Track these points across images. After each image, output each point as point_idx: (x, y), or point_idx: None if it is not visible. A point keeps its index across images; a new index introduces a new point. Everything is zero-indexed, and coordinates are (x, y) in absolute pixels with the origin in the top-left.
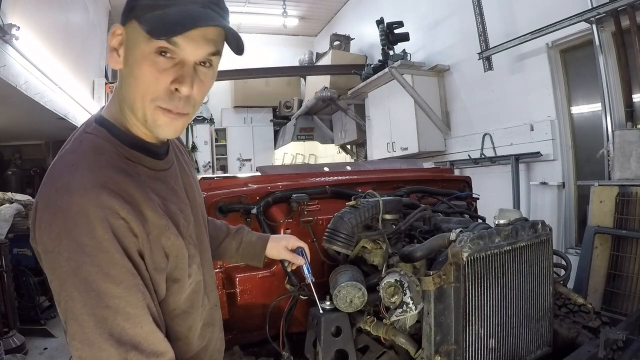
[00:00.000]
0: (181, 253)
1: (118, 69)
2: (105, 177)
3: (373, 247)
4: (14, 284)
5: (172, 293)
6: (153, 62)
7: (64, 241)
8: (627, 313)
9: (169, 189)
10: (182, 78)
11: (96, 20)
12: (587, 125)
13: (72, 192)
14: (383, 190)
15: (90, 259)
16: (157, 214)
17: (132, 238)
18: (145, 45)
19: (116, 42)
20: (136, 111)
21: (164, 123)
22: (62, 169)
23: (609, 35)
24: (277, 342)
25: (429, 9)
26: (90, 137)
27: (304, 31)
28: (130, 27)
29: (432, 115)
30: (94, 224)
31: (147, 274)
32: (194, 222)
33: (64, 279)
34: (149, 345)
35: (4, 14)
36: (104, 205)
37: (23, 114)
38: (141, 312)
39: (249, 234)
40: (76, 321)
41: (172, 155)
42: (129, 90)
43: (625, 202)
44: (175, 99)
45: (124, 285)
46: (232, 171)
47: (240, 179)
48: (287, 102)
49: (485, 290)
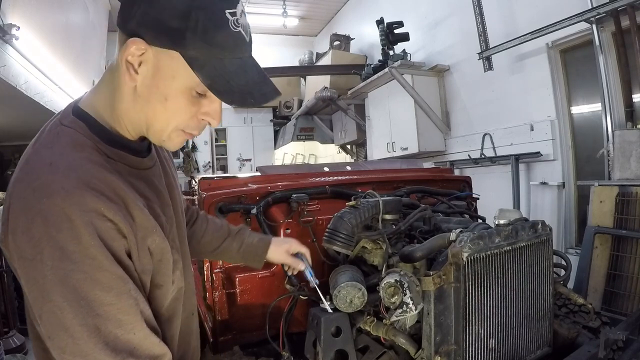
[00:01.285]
0: (165, 257)
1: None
2: (88, 175)
3: (373, 247)
4: (14, 284)
5: (154, 299)
6: (193, 102)
7: (46, 249)
8: (627, 313)
9: (152, 189)
10: (215, 114)
11: (96, 20)
12: (587, 125)
13: (52, 194)
14: (383, 190)
15: (77, 266)
16: (144, 214)
17: (121, 240)
18: (188, 82)
19: (137, 60)
20: (154, 131)
21: (178, 142)
22: (39, 166)
23: (609, 35)
24: (277, 342)
25: (429, 9)
26: (68, 131)
27: (304, 31)
28: (168, 54)
29: (432, 115)
30: (79, 229)
31: (137, 276)
32: (175, 224)
33: (49, 290)
34: (144, 350)
35: (4, 14)
36: (88, 207)
37: (23, 114)
38: (133, 318)
39: (250, 236)
40: (66, 332)
41: (154, 152)
42: (149, 112)
43: (625, 202)
44: (202, 127)
45: (114, 292)
46: (232, 171)
47: (240, 179)
48: (287, 102)
49: (486, 291)
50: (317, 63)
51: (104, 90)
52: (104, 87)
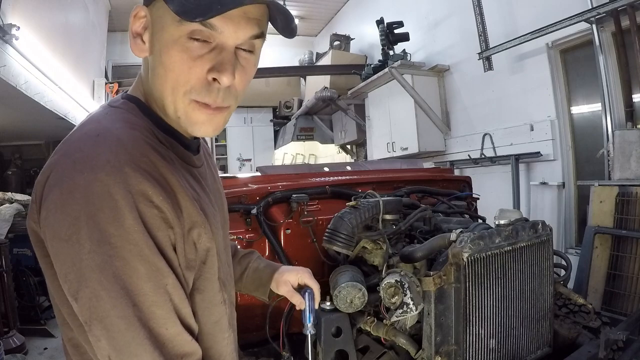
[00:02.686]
0: (210, 260)
1: (143, 57)
2: (139, 154)
3: (373, 247)
4: (14, 284)
5: (193, 304)
6: (184, 48)
7: (84, 229)
8: (627, 313)
9: (202, 188)
10: (222, 66)
11: (96, 20)
12: (587, 125)
13: (95, 168)
14: (383, 190)
15: (116, 252)
16: (194, 206)
17: (167, 230)
18: (174, 29)
19: (139, 26)
20: (167, 107)
21: (201, 120)
22: (83, 138)
23: (609, 35)
24: (277, 342)
25: (429, 9)
26: (119, 111)
27: (304, 31)
28: (155, 6)
29: (432, 115)
30: (122, 211)
31: (180, 271)
32: (222, 233)
33: (87, 275)
34: (173, 347)
35: (4, 14)
36: (135, 189)
37: (23, 114)
38: (167, 314)
39: (257, 260)
40: (101, 323)
41: (202, 154)
42: (157, 81)
43: (625, 202)
44: (214, 91)
45: (151, 284)
46: (232, 171)
47: (240, 179)
48: (287, 102)
49: (486, 291)
50: (317, 63)
51: (138, 87)
52: (138, 85)
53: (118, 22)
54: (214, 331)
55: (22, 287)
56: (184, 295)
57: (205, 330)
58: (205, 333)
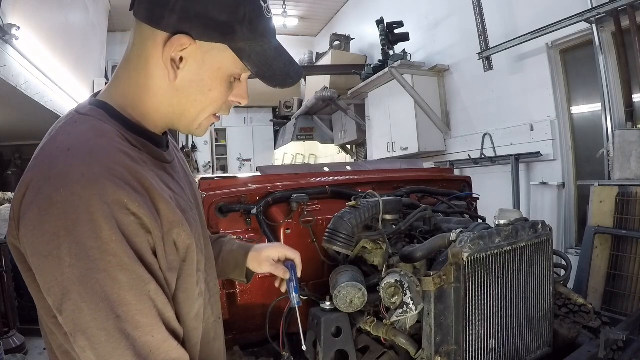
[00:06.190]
0: (190, 257)
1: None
2: (111, 162)
3: (373, 247)
4: (14, 284)
5: (177, 303)
6: (230, 86)
7: (63, 244)
8: (627, 313)
9: (176, 183)
10: (244, 94)
11: (96, 20)
12: (587, 125)
13: (69, 183)
14: (383, 190)
15: (96, 265)
16: (170, 207)
17: (145, 236)
18: (231, 70)
19: (178, 56)
20: (186, 121)
21: (207, 127)
22: (55, 153)
23: (609, 35)
24: (277, 342)
25: (429, 9)
26: (87, 119)
27: (304, 31)
28: (214, 46)
29: (432, 115)
30: (99, 223)
31: (162, 275)
32: (200, 223)
33: (69, 288)
34: (160, 354)
35: (4, 14)
36: (110, 198)
37: (23, 114)
38: (152, 321)
39: (229, 243)
40: (84, 334)
41: (172, 149)
42: (192, 105)
43: (625, 202)
44: (230, 108)
45: (133, 292)
46: (232, 171)
47: (240, 179)
48: (287, 102)
49: (486, 291)
50: (317, 63)
51: (125, 88)
52: (124, 84)
53: (118, 22)
54: (197, 325)
55: (22, 287)
56: (166, 299)
57: (189, 327)
58: (190, 329)
